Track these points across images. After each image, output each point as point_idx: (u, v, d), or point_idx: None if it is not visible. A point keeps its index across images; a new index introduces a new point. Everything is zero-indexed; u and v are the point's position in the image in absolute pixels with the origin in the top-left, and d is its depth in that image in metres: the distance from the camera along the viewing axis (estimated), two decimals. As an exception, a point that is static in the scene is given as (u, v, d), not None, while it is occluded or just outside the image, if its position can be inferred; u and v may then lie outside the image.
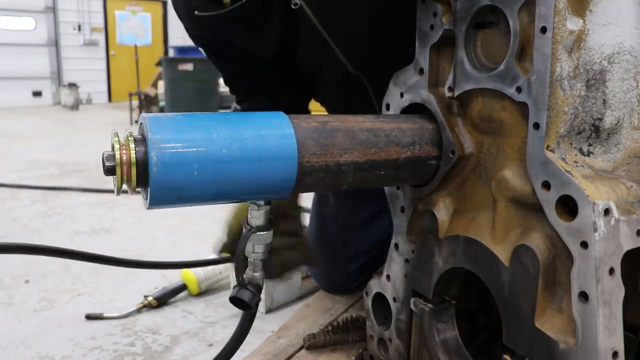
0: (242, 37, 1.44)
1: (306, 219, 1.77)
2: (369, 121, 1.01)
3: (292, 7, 1.31)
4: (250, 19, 1.36)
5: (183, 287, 2.24)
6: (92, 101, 14.05)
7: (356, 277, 1.87)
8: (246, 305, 1.01)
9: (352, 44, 1.37)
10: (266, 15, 1.38)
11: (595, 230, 0.78)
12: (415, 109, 1.10)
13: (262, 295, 1.27)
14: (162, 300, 2.16)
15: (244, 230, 1.01)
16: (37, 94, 13.69)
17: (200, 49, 1.55)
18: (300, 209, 1.43)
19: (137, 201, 3.62)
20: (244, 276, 1.03)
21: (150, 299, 2.13)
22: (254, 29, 1.40)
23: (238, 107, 1.69)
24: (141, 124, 0.85)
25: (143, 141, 0.81)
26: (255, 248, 1.01)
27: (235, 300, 1.01)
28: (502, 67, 0.90)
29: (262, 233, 1.00)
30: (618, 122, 0.92)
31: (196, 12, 1.34)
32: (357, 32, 1.35)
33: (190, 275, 2.22)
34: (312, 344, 1.48)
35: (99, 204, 3.79)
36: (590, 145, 0.91)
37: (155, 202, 0.83)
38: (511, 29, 0.88)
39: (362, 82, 1.43)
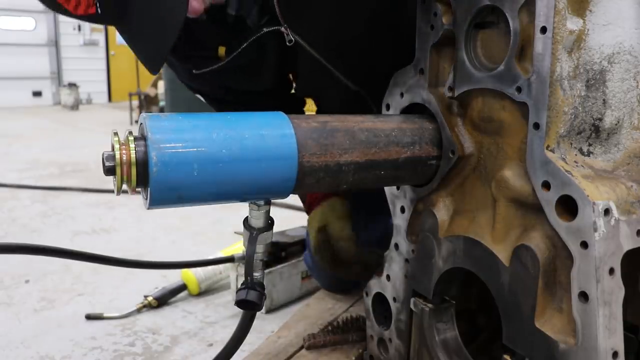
0: (241, 81, 1.47)
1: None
2: (369, 121, 1.01)
3: (288, 44, 1.32)
4: (248, 64, 1.39)
5: (183, 287, 2.24)
6: (92, 101, 14.06)
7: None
8: (255, 305, 1.01)
9: (350, 63, 1.38)
10: (262, 57, 1.41)
11: (595, 230, 0.78)
12: (415, 109, 1.10)
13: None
14: (162, 300, 2.16)
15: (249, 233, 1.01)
16: (37, 94, 13.70)
17: (199, 97, 1.62)
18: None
19: (137, 201, 3.62)
20: (248, 277, 1.03)
21: (150, 299, 2.13)
22: (252, 71, 1.44)
23: None
24: (141, 124, 0.85)
25: (143, 141, 0.81)
26: (257, 248, 1.01)
27: (243, 303, 1.01)
28: (502, 67, 0.90)
29: (263, 233, 1.00)
30: (618, 122, 0.92)
31: (194, 70, 1.37)
32: (354, 51, 1.36)
33: (190, 275, 2.22)
34: (312, 344, 1.48)
35: (99, 204, 3.79)
36: (590, 145, 0.91)
37: (155, 202, 0.83)
38: (511, 29, 0.88)
39: (364, 97, 1.45)
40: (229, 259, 2.07)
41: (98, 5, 1.11)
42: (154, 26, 1.16)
